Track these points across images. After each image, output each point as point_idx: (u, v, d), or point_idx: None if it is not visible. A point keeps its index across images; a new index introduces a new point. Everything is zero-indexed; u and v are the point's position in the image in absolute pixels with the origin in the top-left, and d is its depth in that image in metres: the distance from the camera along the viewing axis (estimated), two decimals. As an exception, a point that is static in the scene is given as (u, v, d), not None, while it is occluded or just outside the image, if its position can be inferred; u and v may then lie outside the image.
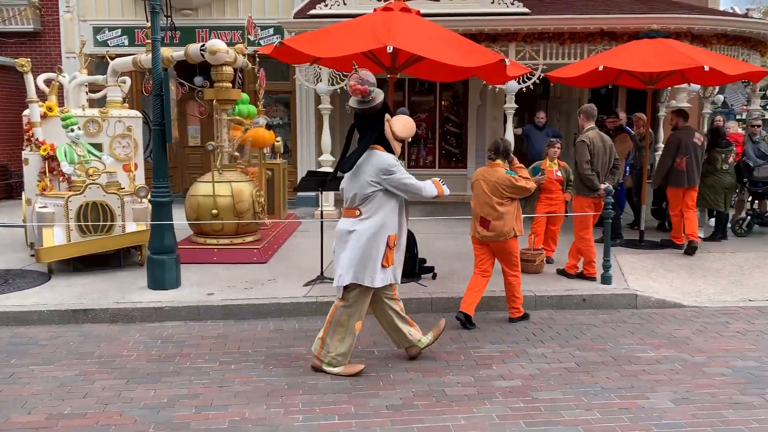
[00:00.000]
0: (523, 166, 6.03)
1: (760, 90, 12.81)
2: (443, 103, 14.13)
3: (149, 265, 6.70)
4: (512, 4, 10.94)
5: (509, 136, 10.96)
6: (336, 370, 4.71)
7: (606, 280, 6.93)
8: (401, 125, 4.72)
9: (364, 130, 4.69)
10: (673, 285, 7.08)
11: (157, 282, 6.63)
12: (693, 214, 8.70)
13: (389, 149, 4.71)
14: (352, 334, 4.73)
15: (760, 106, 13.56)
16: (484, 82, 9.32)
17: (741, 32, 10.99)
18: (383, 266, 4.64)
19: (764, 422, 3.96)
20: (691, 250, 8.47)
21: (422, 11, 7.63)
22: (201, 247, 8.01)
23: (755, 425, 3.92)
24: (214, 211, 7.83)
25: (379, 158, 4.59)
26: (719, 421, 3.98)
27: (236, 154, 8.65)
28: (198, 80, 11.69)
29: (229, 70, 8.09)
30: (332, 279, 6.83)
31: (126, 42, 13.18)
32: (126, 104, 9.13)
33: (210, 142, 8.10)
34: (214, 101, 8.23)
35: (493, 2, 11.02)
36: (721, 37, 10.75)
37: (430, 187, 4.78)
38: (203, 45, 7.79)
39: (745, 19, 13.00)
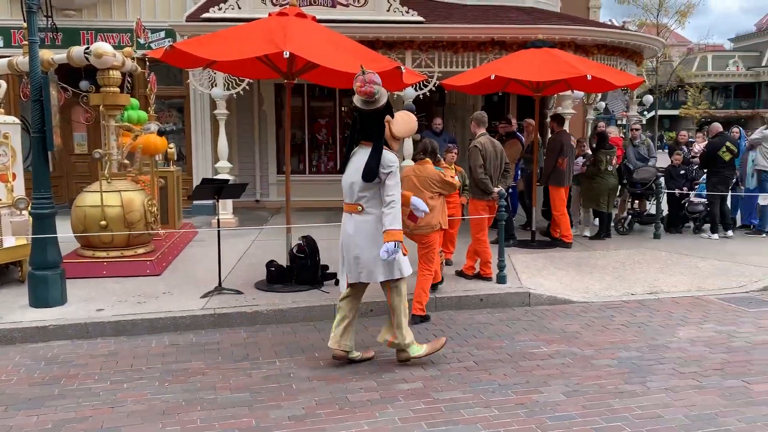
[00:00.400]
0: (447, 165, 6.60)
1: (636, 97, 13.76)
2: (343, 108, 14.17)
3: (31, 281, 6.25)
4: (407, 12, 11.15)
5: (408, 141, 11.17)
6: (423, 350, 4.97)
7: (501, 279, 7.19)
8: (402, 124, 4.85)
9: (368, 129, 4.81)
10: (563, 282, 7.45)
11: (40, 299, 6.20)
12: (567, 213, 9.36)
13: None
14: (406, 315, 5.02)
15: (638, 112, 14.58)
16: (382, 88, 9.41)
17: (619, 43, 11.78)
18: (404, 254, 4.88)
19: (646, 408, 4.24)
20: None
21: (318, 17, 7.62)
22: (89, 261, 7.57)
23: (638, 412, 4.19)
24: (103, 222, 7.44)
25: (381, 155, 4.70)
26: (607, 410, 4.22)
27: (126, 162, 8.26)
28: (83, 85, 11.01)
29: (116, 74, 7.72)
30: (230, 290, 6.73)
31: (1, 43, 12.29)
32: (2, 110, 8.48)
33: (97, 149, 7.70)
34: (101, 107, 7.81)
35: (389, 10, 11.19)
36: (602, 47, 11.47)
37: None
38: (88, 48, 7.37)
39: (623, 31, 13.95)
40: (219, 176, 10.86)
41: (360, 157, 4.80)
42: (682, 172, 10.72)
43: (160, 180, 9.33)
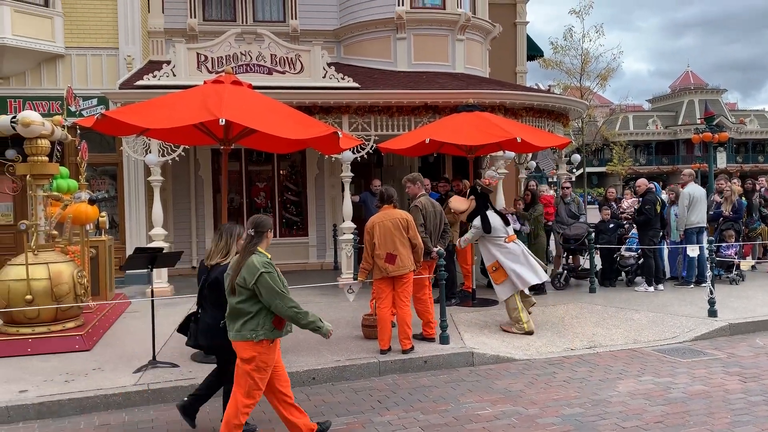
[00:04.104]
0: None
1: (565, 156, 14.35)
2: (281, 172, 14.17)
3: (-54, 364, 5.83)
4: (343, 79, 11.40)
5: (347, 203, 11.23)
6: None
7: (444, 340, 7.17)
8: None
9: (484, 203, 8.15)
10: (505, 340, 7.49)
11: (-45, 383, 5.77)
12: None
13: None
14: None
15: (567, 170, 15.18)
16: (320, 152, 9.50)
17: (546, 106, 12.33)
18: None
19: (591, 466, 4.24)
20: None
21: (254, 84, 7.71)
22: (12, 338, 7.13)
23: (584, 470, 4.18)
24: (29, 297, 7.06)
25: None
26: (553, 470, 4.19)
27: (55, 232, 7.94)
28: (10, 153, 10.70)
29: (44, 143, 7.50)
30: (165, 363, 6.44)
31: None
32: None
33: (23, 220, 7.39)
34: (28, 176, 7.53)
35: (324, 77, 11.42)
36: (530, 110, 11.98)
37: None
38: (15, 117, 7.18)
39: (548, 94, 14.66)
40: (153, 243, 10.55)
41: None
42: (612, 226, 11.13)
43: (91, 250, 9.01)
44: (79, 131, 8.79)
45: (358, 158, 11.15)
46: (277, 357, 4.44)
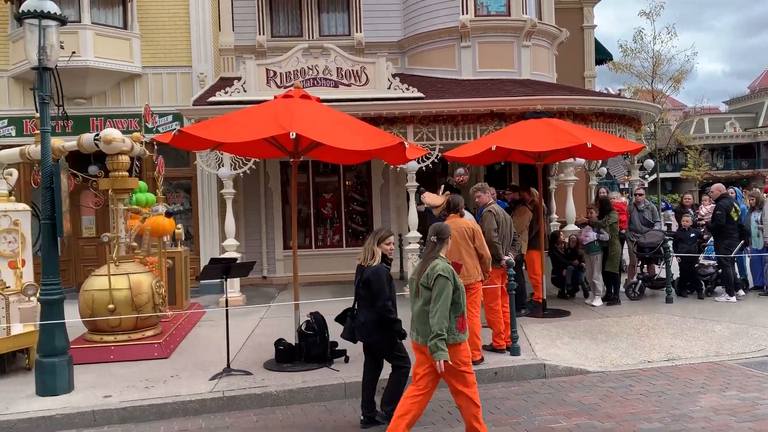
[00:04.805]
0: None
1: (637, 162, 13.91)
2: (347, 182, 14.35)
3: (38, 369, 6.17)
4: (408, 89, 11.47)
5: (413, 212, 11.25)
6: None
7: (514, 351, 7.06)
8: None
9: None
10: (578, 352, 7.31)
11: (47, 387, 6.10)
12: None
13: None
14: None
15: (640, 176, 14.71)
16: (386, 162, 9.58)
17: (616, 110, 12.01)
18: None
19: (674, 484, 4.07)
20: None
21: (322, 97, 7.86)
22: (96, 346, 7.50)
23: (666, 488, 4.02)
24: (111, 306, 7.41)
25: None
26: (632, 487, 4.05)
27: (134, 244, 8.32)
28: (92, 169, 11.23)
29: (125, 159, 7.87)
30: (239, 371, 6.61)
31: (13, 132, 12.64)
32: (12, 197, 8.61)
33: (106, 233, 7.77)
34: (110, 191, 7.93)
35: (389, 88, 11.51)
36: (600, 115, 11.69)
37: None
38: (98, 134, 7.57)
39: (619, 99, 14.26)
40: (226, 254, 10.88)
41: None
42: (693, 235, 10.67)
43: (168, 261, 9.37)
44: (156, 147, 9.18)
45: (423, 168, 11.17)
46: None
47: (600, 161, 13.90)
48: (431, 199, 9.01)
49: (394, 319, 5.20)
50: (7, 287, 7.15)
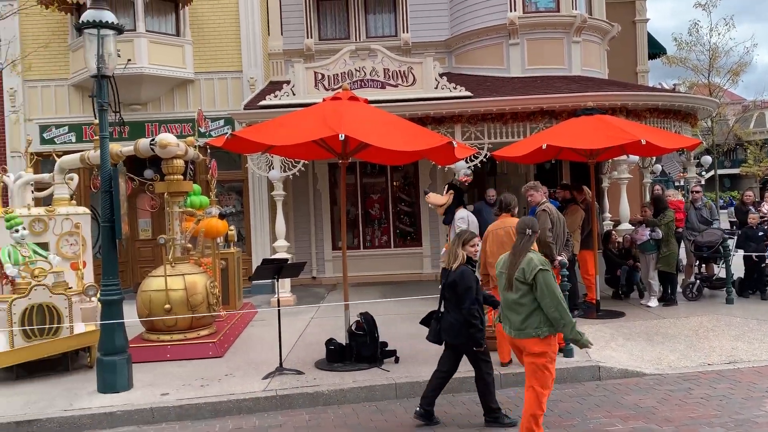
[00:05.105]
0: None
1: (694, 158, 13.49)
2: (395, 183, 14.38)
3: (99, 367, 6.39)
4: (455, 88, 11.41)
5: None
6: None
7: (568, 353, 6.94)
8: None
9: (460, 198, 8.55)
10: (633, 354, 7.13)
11: (107, 385, 6.31)
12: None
13: None
14: None
15: (696, 173, 14.25)
16: (434, 162, 9.56)
17: (671, 106, 11.67)
18: None
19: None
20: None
21: (369, 99, 7.90)
22: (154, 345, 7.72)
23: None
24: (167, 306, 7.61)
25: None
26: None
27: (189, 245, 8.53)
28: (148, 173, 11.63)
29: (179, 162, 8.04)
30: (291, 370, 6.70)
31: (73, 139, 13.10)
32: (74, 201, 8.96)
33: (162, 235, 7.98)
34: (166, 194, 8.14)
35: (436, 87, 11.49)
36: (654, 111, 11.38)
37: None
38: (153, 139, 7.76)
39: (674, 93, 13.87)
40: (277, 255, 11.06)
41: None
42: (761, 233, 10.24)
43: (222, 262, 9.56)
44: (209, 150, 9.38)
45: (472, 167, 11.09)
46: None
47: (654, 158, 13.54)
48: (434, 198, 9.02)
49: (476, 326, 5.18)
50: (70, 288, 7.43)
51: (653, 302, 9.75)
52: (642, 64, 16.88)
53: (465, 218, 8.56)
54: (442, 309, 5.51)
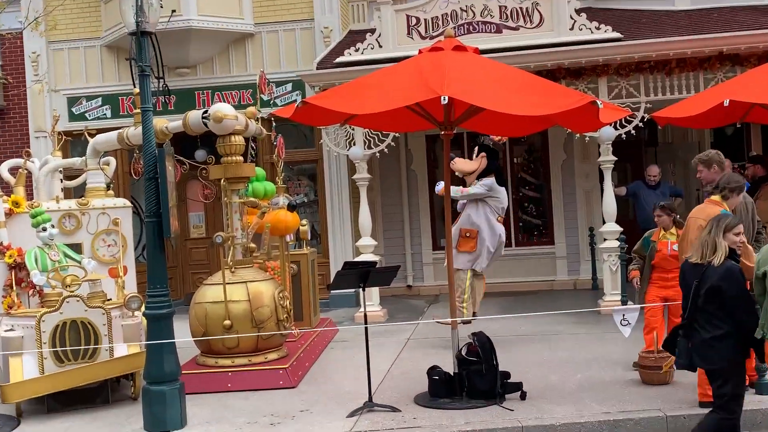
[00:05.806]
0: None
1: None
2: (515, 160, 14.23)
3: (145, 398, 6.70)
4: (598, 29, 11.12)
5: (609, 198, 10.92)
6: None
7: (761, 388, 6.64)
8: None
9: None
10: None
11: (156, 421, 6.60)
12: None
13: None
14: None
15: None
16: (569, 130, 9.37)
17: None
18: None
19: None
20: None
21: (481, 47, 7.85)
22: (211, 371, 8.02)
23: None
24: (227, 322, 7.85)
25: None
26: None
27: (252, 245, 8.73)
28: (200, 155, 12.01)
29: (239, 140, 8.24)
30: (384, 406, 6.79)
31: (108, 113, 13.73)
32: (111, 191, 9.31)
33: (219, 233, 8.18)
34: (222, 180, 8.35)
35: (572, 28, 11.23)
36: None
37: None
38: (206, 111, 7.97)
39: None
40: (362, 257, 11.20)
41: None
42: None
43: (292, 266, 9.72)
44: (274, 124, 9.60)
45: (623, 135, 10.79)
46: None
47: None
48: (462, 164, 8.90)
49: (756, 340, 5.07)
50: (108, 300, 7.71)
51: None
52: None
53: (490, 185, 8.95)
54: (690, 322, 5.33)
